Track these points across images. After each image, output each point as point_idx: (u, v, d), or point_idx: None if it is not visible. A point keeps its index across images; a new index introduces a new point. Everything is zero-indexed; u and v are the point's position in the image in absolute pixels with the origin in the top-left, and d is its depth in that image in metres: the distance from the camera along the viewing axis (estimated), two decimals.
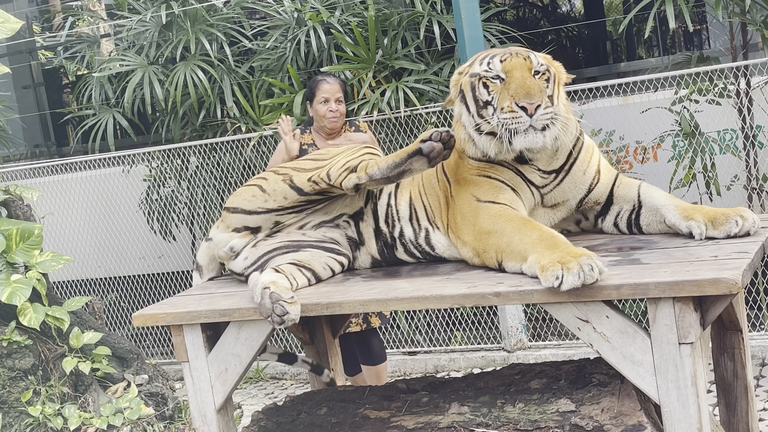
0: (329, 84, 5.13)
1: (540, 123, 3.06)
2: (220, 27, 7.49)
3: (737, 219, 2.94)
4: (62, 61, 9.22)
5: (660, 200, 3.21)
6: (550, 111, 3.08)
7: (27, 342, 5.62)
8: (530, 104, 3.06)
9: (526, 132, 3.08)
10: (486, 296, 2.79)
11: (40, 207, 7.46)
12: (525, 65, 3.18)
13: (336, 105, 5.12)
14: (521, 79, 3.12)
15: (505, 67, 3.19)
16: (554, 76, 3.22)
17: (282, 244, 3.53)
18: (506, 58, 3.22)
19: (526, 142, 3.08)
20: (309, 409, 3.57)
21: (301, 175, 3.47)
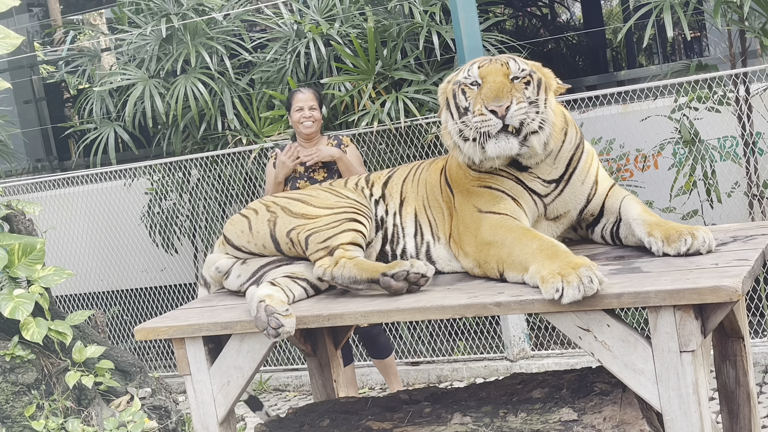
0: (302, 93, 5.57)
1: (515, 121, 3.05)
2: (220, 40, 7.51)
3: (687, 237, 2.94)
4: (63, 76, 9.22)
5: (633, 214, 3.21)
6: (523, 108, 3.07)
7: (30, 356, 5.62)
8: (499, 106, 3.06)
9: (497, 138, 3.08)
10: (487, 306, 2.80)
11: (42, 221, 7.47)
12: (501, 70, 3.19)
13: (309, 111, 5.51)
14: (493, 83, 3.14)
15: (482, 72, 3.21)
16: (539, 82, 3.21)
17: (275, 257, 3.55)
18: (484, 65, 3.24)
19: (497, 149, 3.08)
20: (312, 421, 3.57)
21: (285, 220, 3.50)
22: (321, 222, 3.42)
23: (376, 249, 3.55)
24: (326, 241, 3.34)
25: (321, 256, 3.33)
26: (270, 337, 3.02)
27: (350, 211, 3.46)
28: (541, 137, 3.14)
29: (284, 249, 3.50)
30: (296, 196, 3.67)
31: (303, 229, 3.42)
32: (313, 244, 3.37)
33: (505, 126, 3.07)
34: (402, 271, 3.08)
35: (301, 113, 5.51)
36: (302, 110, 5.51)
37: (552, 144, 3.19)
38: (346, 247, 3.32)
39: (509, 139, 3.08)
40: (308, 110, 5.51)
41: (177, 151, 7.72)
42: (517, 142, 3.08)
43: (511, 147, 3.09)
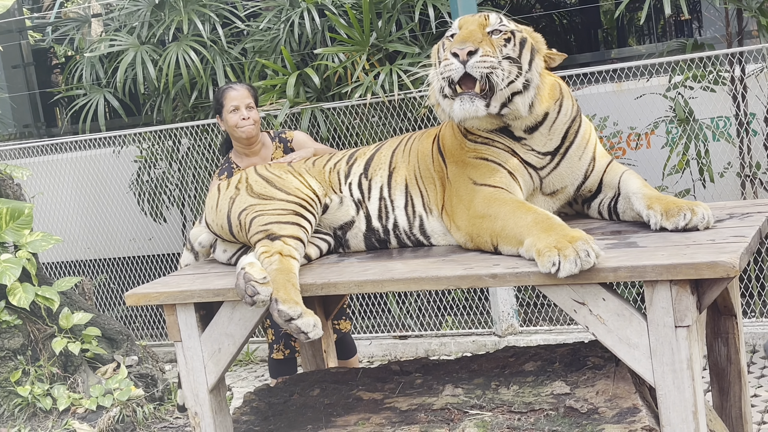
0: (236, 91, 4.72)
1: (477, 71, 2.98)
2: (213, 7, 7.44)
3: (686, 212, 2.90)
4: (52, 41, 9.13)
5: (632, 188, 3.18)
6: (489, 61, 2.99)
7: (16, 322, 5.60)
8: (461, 50, 2.98)
9: (462, 99, 3.02)
10: (482, 278, 2.78)
11: (29, 187, 7.41)
12: (477, 21, 3.14)
13: (247, 111, 4.65)
14: (464, 31, 3.09)
15: (460, 23, 3.18)
16: (523, 42, 3.13)
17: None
18: (465, 17, 3.20)
19: (462, 111, 3.00)
20: (301, 391, 3.56)
21: (242, 199, 3.44)
22: (270, 206, 3.36)
23: (361, 228, 3.50)
24: (269, 225, 3.29)
25: (260, 238, 3.28)
26: (248, 305, 3.00)
27: (301, 204, 3.39)
28: (525, 98, 3.09)
29: (235, 232, 3.44)
30: (266, 174, 3.58)
31: (252, 210, 3.37)
32: (255, 226, 3.31)
33: (468, 75, 3.00)
34: (287, 315, 2.95)
35: (238, 114, 4.63)
36: (238, 110, 4.64)
37: (539, 108, 3.15)
38: (286, 240, 3.26)
39: (474, 101, 3.01)
40: (245, 109, 4.65)
41: (167, 119, 7.66)
42: (482, 105, 3.01)
43: (476, 109, 3.00)
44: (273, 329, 4.86)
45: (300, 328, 2.94)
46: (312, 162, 3.74)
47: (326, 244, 3.53)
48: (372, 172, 3.54)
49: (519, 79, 3.08)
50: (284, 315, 2.93)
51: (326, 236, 3.54)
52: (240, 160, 4.77)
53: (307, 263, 3.39)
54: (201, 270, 3.57)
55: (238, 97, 4.68)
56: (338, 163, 3.64)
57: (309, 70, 6.78)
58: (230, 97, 4.68)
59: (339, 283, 3.01)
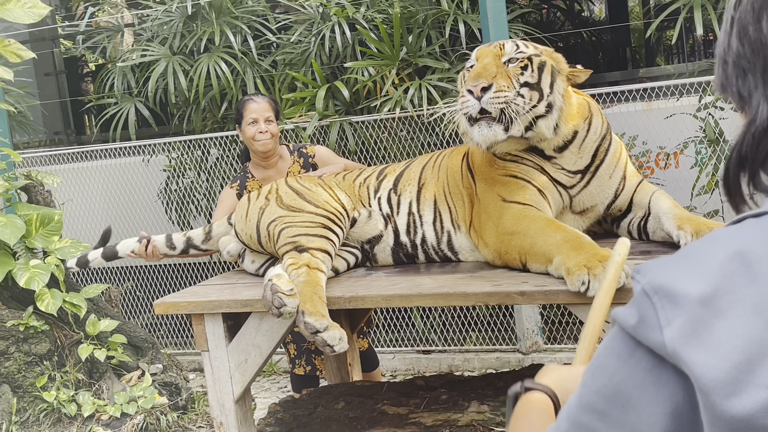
0: (257, 103, 4.71)
1: (492, 107, 3.01)
2: (245, 19, 7.49)
3: None
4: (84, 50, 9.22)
5: (663, 208, 3.17)
6: (503, 96, 3.02)
7: (44, 327, 5.64)
8: (474, 86, 3.02)
9: (479, 124, 3.05)
10: (511, 295, 2.78)
11: (59, 194, 7.47)
12: (493, 52, 3.16)
13: (265, 125, 4.63)
14: (479, 65, 3.11)
15: (477, 54, 3.20)
16: (542, 66, 3.15)
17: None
18: (482, 47, 3.22)
19: (480, 135, 3.05)
20: (326, 403, 3.56)
21: (272, 210, 3.47)
22: (299, 218, 3.38)
23: (389, 243, 3.52)
24: (297, 237, 3.30)
25: (288, 249, 3.30)
26: (274, 316, 3.01)
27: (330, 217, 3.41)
28: (549, 121, 3.11)
29: (263, 242, 3.46)
30: (296, 186, 3.61)
31: (281, 221, 3.39)
32: (284, 237, 3.33)
33: (483, 110, 3.03)
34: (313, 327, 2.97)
35: (256, 127, 4.62)
36: (257, 123, 4.62)
37: (564, 128, 3.15)
38: (314, 253, 3.27)
39: (491, 126, 3.04)
40: (264, 123, 4.63)
41: (197, 129, 7.71)
42: (501, 129, 3.04)
43: (494, 134, 3.04)
44: (295, 344, 4.85)
45: (326, 341, 2.95)
46: (342, 176, 3.76)
47: (354, 258, 3.54)
48: (401, 187, 3.55)
49: (541, 104, 3.09)
50: (310, 327, 2.94)
51: (354, 250, 3.56)
52: (256, 170, 4.78)
53: (335, 276, 3.41)
54: (229, 280, 3.59)
55: (258, 110, 4.67)
56: (368, 178, 3.66)
57: (339, 84, 6.81)
58: (250, 109, 4.68)
59: (367, 297, 3.02)
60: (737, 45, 1.02)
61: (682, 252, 1.00)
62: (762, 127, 0.99)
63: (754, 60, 1.00)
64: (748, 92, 1.02)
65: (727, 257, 0.94)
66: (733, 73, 1.04)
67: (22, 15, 5.16)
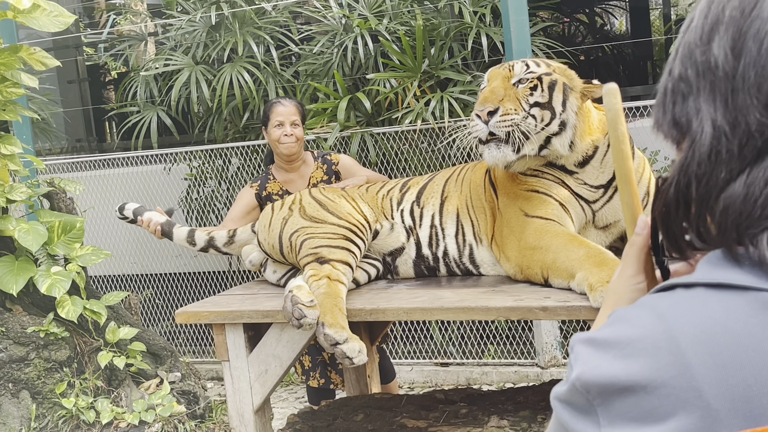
0: (284, 106, 4.72)
1: (499, 131, 3.04)
2: (268, 30, 7.53)
3: None
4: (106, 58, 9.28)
5: None
6: (509, 119, 3.04)
7: (64, 334, 5.66)
8: (480, 111, 3.07)
9: (489, 146, 3.08)
10: (533, 310, 2.77)
11: (80, 201, 7.51)
12: (502, 75, 3.17)
13: (291, 128, 4.66)
14: (488, 88, 3.14)
15: (488, 76, 3.22)
16: (553, 84, 3.14)
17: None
18: (493, 68, 3.24)
19: (490, 157, 3.09)
20: (345, 415, 3.56)
21: (294, 220, 3.48)
22: (321, 229, 3.39)
23: (411, 255, 3.53)
24: (319, 248, 3.31)
25: (309, 261, 3.31)
26: (294, 327, 3.02)
27: (352, 229, 3.42)
28: (563, 138, 3.11)
29: (285, 252, 3.47)
30: (320, 197, 3.62)
31: (304, 232, 3.40)
32: (305, 248, 3.34)
33: (492, 133, 3.06)
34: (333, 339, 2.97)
35: (281, 130, 4.65)
36: (282, 126, 4.66)
37: (581, 145, 3.15)
38: (335, 264, 3.28)
39: (500, 148, 3.07)
40: (290, 126, 4.66)
41: (218, 138, 7.74)
42: (510, 150, 3.06)
43: (504, 155, 3.07)
44: (310, 356, 4.85)
45: (345, 353, 2.95)
46: (365, 188, 3.77)
47: (375, 270, 3.54)
48: (424, 200, 3.56)
49: (554, 122, 3.09)
50: (330, 339, 2.94)
51: (375, 262, 3.56)
52: (278, 173, 4.80)
53: (356, 288, 3.41)
54: (250, 291, 3.59)
55: (285, 113, 4.69)
56: (391, 190, 3.67)
57: (360, 95, 6.82)
58: (277, 112, 4.70)
59: (388, 309, 3.02)
60: (679, 69, 0.99)
61: (612, 331, 0.93)
62: (705, 150, 0.94)
63: (697, 83, 0.96)
64: (686, 118, 0.97)
65: (657, 343, 0.89)
66: (671, 100, 1.00)
67: (47, 23, 5.19)
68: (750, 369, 0.84)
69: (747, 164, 0.91)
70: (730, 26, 0.94)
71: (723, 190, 0.92)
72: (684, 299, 0.91)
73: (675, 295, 0.93)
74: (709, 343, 0.86)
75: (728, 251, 0.92)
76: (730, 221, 0.91)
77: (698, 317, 0.88)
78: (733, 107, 0.92)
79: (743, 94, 0.91)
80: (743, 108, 0.91)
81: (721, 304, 0.89)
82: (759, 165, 0.90)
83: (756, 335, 0.85)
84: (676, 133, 1.00)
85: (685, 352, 0.87)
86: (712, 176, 0.93)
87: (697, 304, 0.90)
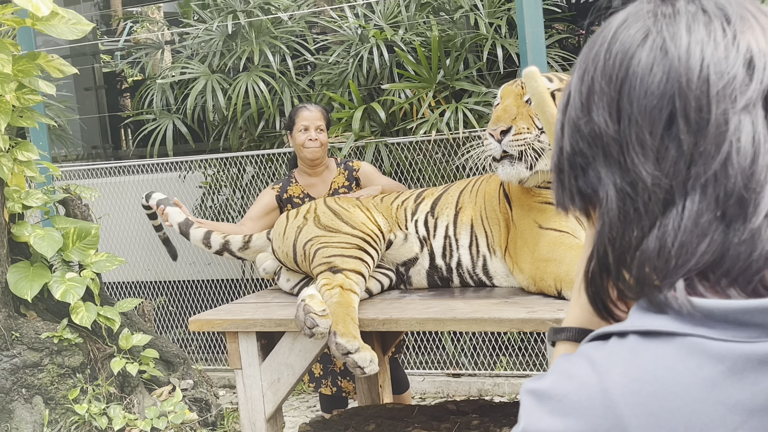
0: (309, 111, 4.79)
1: (512, 149, 3.06)
2: (284, 39, 7.55)
3: None
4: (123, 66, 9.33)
5: None
6: (522, 139, 3.06)
7: (77, 340, 5.68)
8: (494, 130, 3.10)
9: (502, 163, 3.11)
10: (546, 322, 2.77)
11: (95, 207, 7.55)
12: (514, 92, 3.19)
13: (316, 133, 4.71)
14: (500, 106, 3.15)
15: (501, 93, 3.24)
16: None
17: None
18: (506, 85, 3.26)
19: (504, 174, 3.13)
20: (357, 425, 3.56)
21: (309, 229, 3.49)
22: (335, 239, 3.40)
23: (425, 266, 3.53)
24: (332, 257, 3.32)
25: (323, 270, 3.32)
26: (306, 336, 3.03)
27: (366, 239, 3.43)
28: None
29: (299, 261, 3.48)
30: (334, 206, 3.64)
31: (318, 241, 3.41)
32: (319, 257, 3.36)
33: (505, 151, 3.08)
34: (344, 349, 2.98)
35: (306, 135, 4.69)
36: (307, 131, 4.70)
37: None
38: (348, 274, 3.29)
39: (514, 165, 3.10)
40: (315, 131, 4.71)
41: (233, 146, 7.77)
42: (523, 167, 3.08)
43: (518, 172, 3.10)
44: (321, 363, 4.85)
45: (357, 363, 2.96)
46: (380, 198, 3.78)
47: (388, 280, 3.55)
48: (439, 210, 3.57)
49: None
50: (342, 348, 2.95)
51: (388, 272, 3.56)
52: (301, 177, 4.84)
53: (368, 298, 3.41)
54: (264, 299, 3.60)
55: (310, 117, 4.74)
56: (406, 200, 3.68)
57: (375, 105, 6.84)
58: (302, 117, 4.76)
59: (401, 319, 3.02)
60: (571, 144, 1.00)
61: (552, 382, 0.95)
62: (614, 214, 0.95)
63: (591, 153, 0.98)
64: (592, 188, 0.98)
65: (591, 396, 0.90)
66: (571, 176, 1.01)
67: (65, 31, 5.22)
68: (680, 416, 0.86)
69: (656, 218, 0.93)
70: (602, 94, 0.98)
71: (638, 248, 0.94)
72: (617, 349, 0.93)
73: (609, 345, 0.94)
74: (640, 393, 0.88)
75: (651, 301, 0.94)
76: (648, 275, 0.94)
77: (629, 368, 0.90)
78: (627, 168, 0.95)
79: (631, 153, 0.94)
80: (636, 166, 0.94)
81: (650, 352, 0.90)
82: (668, 216, 0.92)
83: (683, 382, 0.87)
84: (584, 205, 1.02)
85: (617, 404, 0.88)
86: (625, 237, 0.96)
87: (629, 353, 0.91)
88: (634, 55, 0.96)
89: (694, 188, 0.91)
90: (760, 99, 0.91)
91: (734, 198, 0.90)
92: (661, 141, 0.93)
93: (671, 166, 0.92)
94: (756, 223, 0.89)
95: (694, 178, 0.91)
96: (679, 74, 0.93)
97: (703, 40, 0.94)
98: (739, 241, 0.90)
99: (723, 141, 0.90)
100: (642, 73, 0.95)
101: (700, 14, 0.96)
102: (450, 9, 7.18)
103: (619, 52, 0.98)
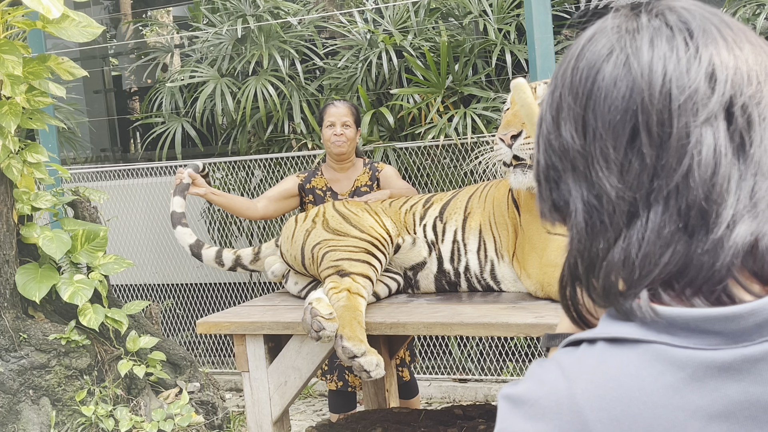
0: (336, 108, 4.90)
1: (523, 153, 3.05)
2: (293, 44, 7.57)
3: None
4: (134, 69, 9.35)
5: None
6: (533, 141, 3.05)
7: (85, 342, 5.69)
8: (504, 135, 3.09)
9: (514, 171, 3.10)
10: (553, 328, 2.76)
11: (104, 210, 7.57)
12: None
13: (341, 129, 4.82)
14: (510, 111, 3.15)
15: (510, 98, 3.23)
16: None
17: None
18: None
19: (516, 182, 3.12)
20: (363, 429, 3.56)
21: (317, 233, 3.50)
22: (343, 242, 3.41)
23: (432, 270, 3.53)
24: (340, 261, 3.33)
25: (330, 273, 3.33)
26: (313, 340, 3.03)
27: (374, 243, 3.43)
28: None
29: (307, 264, 3.49)
30: (343, 210, 3.65)
31: (326, 245, 3.42)
32: (326, 261, 3.36)
33: (516, 156, 3.07)
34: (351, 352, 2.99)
35: (332, 130, 4.82)
36: (333, 126, 4.83)
37: None
38: (356, 278, 3.30)
39: (526, 173, 3.08)
40: (341, 127, 4.82)
41: (242, 150, 7.79)
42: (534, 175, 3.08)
43: (530, 180, 3.09)
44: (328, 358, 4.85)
45: (363, 367, 2.96)
46: (389, 202, 3.79)
47: (396, 284, 3.56)
48: (447, 215, 3.57)
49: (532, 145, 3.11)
50: (348, 352, 2.96)
51: (396, 276, 3.57)
52: (327, 171, 4.98)
53: (376, 301, 3.42)
54: (271, 302, 3.61)
55: (337, 113, 4.86)
56: (414, 205, 3.69)
57: (384, 110, 6.85)
58: (329, 113, 4.89)
59: (408, 323, 3.03)
60: (545, 159, 1.04)
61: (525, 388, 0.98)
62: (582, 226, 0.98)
63: (562, 167, 1.01)
64: (563, 201, 1.02)
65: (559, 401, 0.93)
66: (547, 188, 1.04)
67: (76, 34, 5.24)
68: (642, 421, 0.88)
69: (621, 230, 0.96)
70: (570, 110, 1.00)
71: (604, 259, 0.97)
72: (586, 355, 0.95)
73: (579, 351, 0.97)
74: (605, 398, 0.90)
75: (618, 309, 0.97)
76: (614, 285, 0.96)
77: (596, 374, 0.92)
78: (592, 181, 0.97)
79: (596, 166, 0.97)
80: (600, 180, 0.96)
81: (615, 358, 0.93)
82: (632, 228, 0.95)
83: (646, 388, 0.89)
84: (558, 216, 1.05)
85: (583, 408, 0.91)
86: (593, 248, 0.98)
87: (596, 360, 0.94)
88: (599, 71, 0.98)
89: (657, 200, 0.93)
90: (722, 111, 0.93)
91: (696, 209, 0.92)
92: (625, 155, 0.95)
93: (634, 179, 0.94)
94: (718, 233, 0.91)
95: (656, 190, 0.93)
96: (641, 89, 0.95)
97: (666, 54, 0.95)
98: (702, 251, 0.92)
99: (684, 154, 0.92)
100: (606, 88, 0.97)
101: (664, 29, 0.98)
102: (459, 14, 7.19)
103: (585, 67, 1.00)
